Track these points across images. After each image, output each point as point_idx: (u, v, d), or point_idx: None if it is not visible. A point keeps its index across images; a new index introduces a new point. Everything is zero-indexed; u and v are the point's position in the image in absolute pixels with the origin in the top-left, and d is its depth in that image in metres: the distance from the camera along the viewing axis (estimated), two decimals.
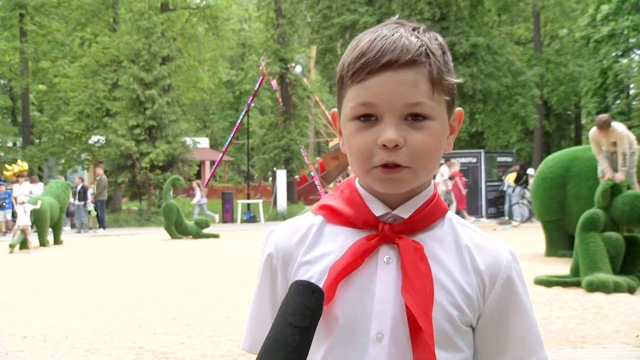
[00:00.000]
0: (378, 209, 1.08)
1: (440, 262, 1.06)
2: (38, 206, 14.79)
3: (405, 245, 1.05)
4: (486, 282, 1.07)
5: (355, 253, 1.05)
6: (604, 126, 8.59)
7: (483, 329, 1.09)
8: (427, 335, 1.00)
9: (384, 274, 1.05)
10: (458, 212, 20.23)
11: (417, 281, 1.02)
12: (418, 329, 1.00)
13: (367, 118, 1.03)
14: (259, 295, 1.16)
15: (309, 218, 1.15)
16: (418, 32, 1.05)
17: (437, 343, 1.02)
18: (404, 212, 1.07)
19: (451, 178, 19.82)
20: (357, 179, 1.13)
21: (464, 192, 20.28)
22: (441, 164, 20.26)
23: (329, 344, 1.04)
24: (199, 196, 21.05)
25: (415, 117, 1.02)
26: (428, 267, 1.04)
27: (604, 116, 8.88)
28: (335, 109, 1.13)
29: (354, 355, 1.03)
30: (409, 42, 1.02)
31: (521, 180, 20.29)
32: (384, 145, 1.01)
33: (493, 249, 1.10)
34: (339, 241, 1.09)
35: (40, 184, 21.04)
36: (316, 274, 1.06)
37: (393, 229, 1.06)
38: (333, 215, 1.12)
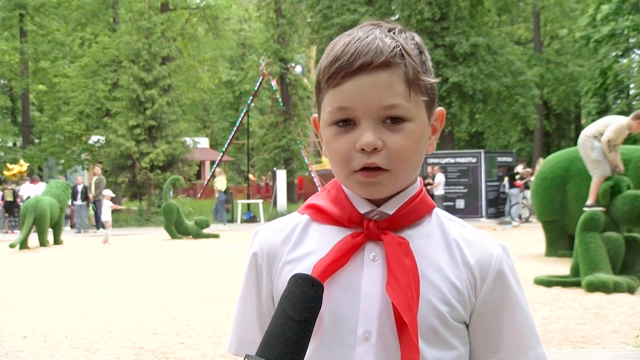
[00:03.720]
0: (363, 207, 1.07)
1: (428, 257, 1.05)
2: (111, 205, 16.11)
3: (390, 241, 1.03)
4: (477, 276, 1.06)
5: (340, 250, 1.04)
6: None
7: (476, 325, 1.07)
8: (411, 330, 0.98)
9: (369, 271, 1.04)
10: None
11: (401, 276, 1.00)
12: (404, 326, 0.99)
13: (345, 123, 1.03)
14: (244, 295, 1.16)
15: (294, 217, 1.14)
16: (394, 33, 1.05)
17: (426, 340, 1.01)
18: (389, 208, 1.06)
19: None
20: None
21: None
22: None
23: (316, 344, 1.03)
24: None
25: (393, 120, 1.01)
26: (413, 262, 1.02)
27: None
28: (316, 115, 1.12)
29: (341, 354, 1.02)
30: (383, 44, 1.01)
31: (513, 181, 20.32)
32: (363, 149, 1.00)
33: (483, 243, 1.09)
34: (325, 239, 1.08)
35: (42, 184, 21.07)
36: (301, 272, 1.03)
37: (378, 225, 1.05)
38: (319, 214, 1.11)
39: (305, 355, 0.98)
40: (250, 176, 32.16)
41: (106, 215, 15.84)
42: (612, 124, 8.48)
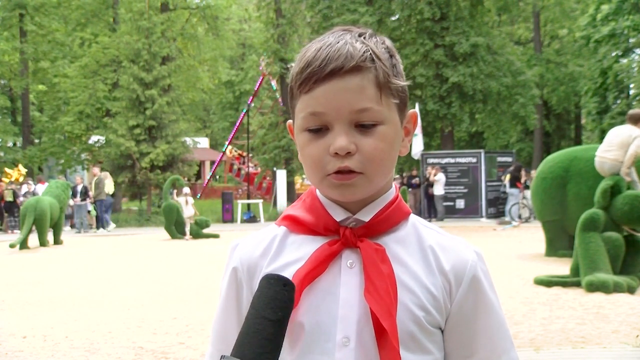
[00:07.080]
0: (338, 214, 1.07)
1: (404, 263, 1.06)
2: (192, 205, 16.97)
3: (367, 248, 1.04)
4: (452, 282, 1.06)
5: (318, 259, 1.04)
6: None
7: (452, 329, 1.07)
8: (391, 336, 0.99)
9: (347, 278, 1.04)
10: None
11: (379, 282, 1.01)
12: (383, 331, 0.99)
13: (318, 128, 1.03)
14: (224, 308, 1.16)
15: (272, 230, 1.14)
16: (364, 38, 1.05)
17: (403, 344, 1.01)
18: (365, 215, 1.07)
19: None
20: None
21: None
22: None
23: (297, 352, 1.03)
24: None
25: (365, 124, 1.02)
26: (390, 268, 1.03)
27: None
28: (291, 120, 1.13)
29: None
30: (353, 49, 1.02)
31: (514, 181, 20.25)
32: (336, 154, 1.01)
33: (458, 249, 1.09)
34: (303, 249, 1.08)
35: (45, 184, 21.08)
36: None
37: (354, 232, 1.06)
38: (295, 224, 1.12)
39: None
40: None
41: (189, 211, 16.76)
42: (638, 138, 8.31)
